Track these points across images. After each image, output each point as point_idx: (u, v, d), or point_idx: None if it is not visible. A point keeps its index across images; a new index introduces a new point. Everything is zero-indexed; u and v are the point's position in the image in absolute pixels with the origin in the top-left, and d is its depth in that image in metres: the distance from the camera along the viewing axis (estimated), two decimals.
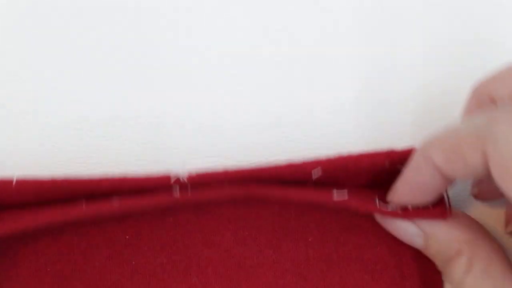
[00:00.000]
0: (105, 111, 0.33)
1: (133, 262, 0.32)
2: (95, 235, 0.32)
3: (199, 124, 0.33)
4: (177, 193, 0.28)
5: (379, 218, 0.31)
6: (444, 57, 0.34)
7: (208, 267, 0.32)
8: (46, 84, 0.33)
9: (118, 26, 0.34)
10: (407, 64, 0.34)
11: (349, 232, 0.32)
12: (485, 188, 0.31)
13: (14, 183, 0.29)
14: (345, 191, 0.29)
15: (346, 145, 0.33)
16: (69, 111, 0.33)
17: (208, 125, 0.33)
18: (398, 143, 0.31)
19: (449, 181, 0.28)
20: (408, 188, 0.29)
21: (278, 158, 0.31)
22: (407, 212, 0.30)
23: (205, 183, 0.28)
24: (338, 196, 0.29)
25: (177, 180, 0.28)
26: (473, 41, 0.34)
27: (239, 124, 0.33)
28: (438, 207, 0.30)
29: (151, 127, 0.33)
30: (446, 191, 0.30)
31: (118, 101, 0.33)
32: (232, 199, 0.30)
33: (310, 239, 0.32)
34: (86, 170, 0.32)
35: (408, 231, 0.30)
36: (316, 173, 0.29)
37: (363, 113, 0.34)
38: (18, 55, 0.33)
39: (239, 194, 0.29)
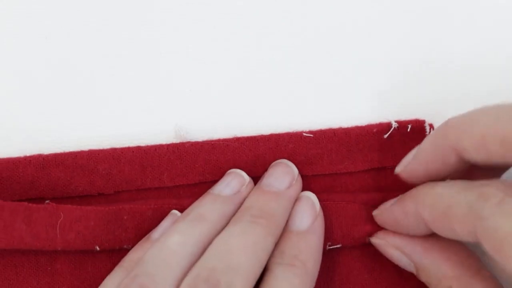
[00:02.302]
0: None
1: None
2: None
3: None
4: None
5: (376, 244, 0.32)
6: (468, 77, 0.34)
7: None
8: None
9: (114, 30, 0.34)
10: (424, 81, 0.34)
11: None
12: (413, 170, 0.30)
13: None
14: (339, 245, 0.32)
15: None
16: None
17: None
18: None
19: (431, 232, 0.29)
20: (390, 220, 0.30)
21: None
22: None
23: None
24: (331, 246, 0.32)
25: None
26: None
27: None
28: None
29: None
30: None
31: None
32: None
33: None
34: None
35: (401, 261, 0.31)
36: (307, 134, 0.32)
37: None
38: None
39: None
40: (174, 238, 0.29)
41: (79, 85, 0.33)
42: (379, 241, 0.31)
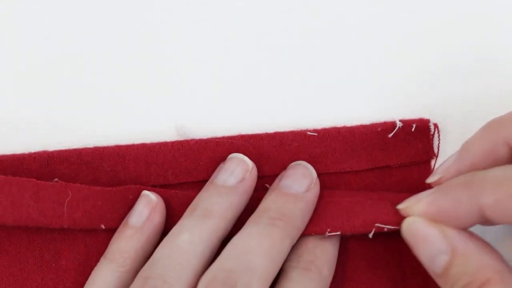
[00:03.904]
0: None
1: None
2: None
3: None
4: None
5: (405, 226, 0.29)
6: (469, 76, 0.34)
7: None
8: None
9: (115, 28, 0.34)
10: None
11: None
12: (457, 171, 0.29)
13: None
14: (338, 232, 0.30)
15: None
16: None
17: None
18: None
19: (485, 221, 0.27)
20: (436, 211, 0.28)
21: None
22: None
23: None
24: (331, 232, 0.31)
25: None
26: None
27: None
28: None
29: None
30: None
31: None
32: None
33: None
34: None
35: (434, 245, 0.28)
36: (311, 133, 0.32)
37: None
38: None
39: None
40: (183, 237, 0.29)
41: (80, 85, 0.33)
42: (417, 219, 0.29)
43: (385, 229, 0.30)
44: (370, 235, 0.30)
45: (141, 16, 0.34)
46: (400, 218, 0.30)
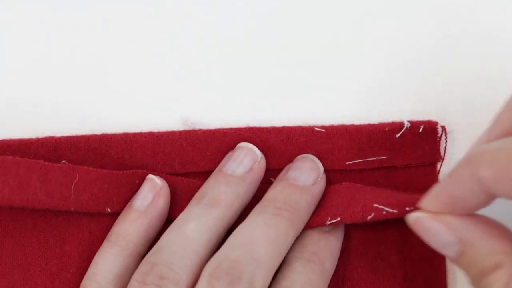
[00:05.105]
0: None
1: None
2: None
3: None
4: None
5: (410, 222, 0.29)
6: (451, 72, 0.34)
7: None
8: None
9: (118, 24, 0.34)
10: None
11: (355, 228, 0.32)
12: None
13: None
14: (338, 219, 0.31)
15: None
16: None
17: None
18: None
19: (492, 198, 0.26)
20: (444, 199, 0.27)
21: None
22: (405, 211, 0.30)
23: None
24: (331, 220, 0.31)
25: None
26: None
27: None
28: None
29: None
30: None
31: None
32: None
33: None
34: None
35: (442, 238, 0.28)
36: (319, 129, 0.33)
37: None
38: None
39: None
40: (190, 225, 0.29)
41: (89, 74, 0.34)
42: (421, 214, 0.28)
43: (384, 212, 0.30)
44: (369, 218, 0.30)
45: (148, 7, 0.34)
46: (399, 202, 0.30)
